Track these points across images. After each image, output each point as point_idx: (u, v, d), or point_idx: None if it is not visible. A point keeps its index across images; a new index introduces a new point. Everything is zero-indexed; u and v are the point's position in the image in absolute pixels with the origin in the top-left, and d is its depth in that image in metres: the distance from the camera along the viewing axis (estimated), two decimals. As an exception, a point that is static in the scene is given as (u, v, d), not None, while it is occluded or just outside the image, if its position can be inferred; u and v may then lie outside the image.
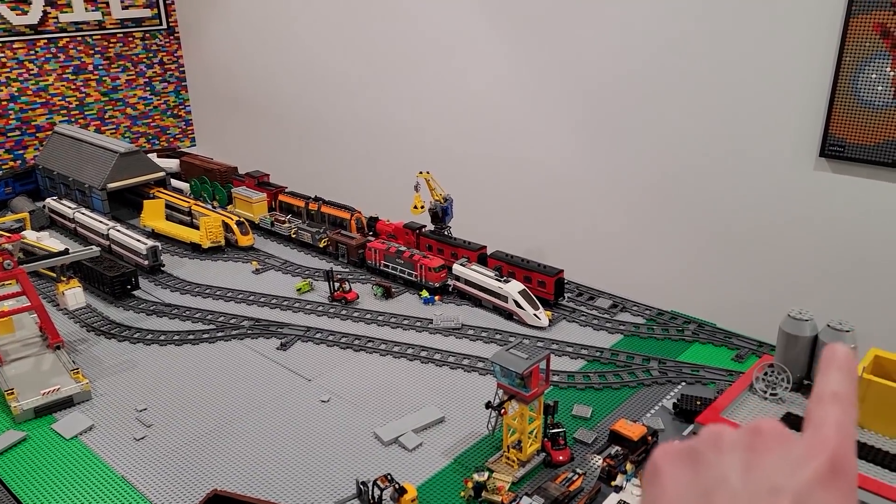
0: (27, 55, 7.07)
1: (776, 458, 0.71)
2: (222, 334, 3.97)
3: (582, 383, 3.39)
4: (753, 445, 0.73)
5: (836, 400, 0.74)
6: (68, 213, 5.36)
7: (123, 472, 2.86)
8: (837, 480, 0.68)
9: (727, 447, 0.73)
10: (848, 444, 0.71)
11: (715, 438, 0.75)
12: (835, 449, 0.70)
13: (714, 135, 4.67)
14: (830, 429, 0.72)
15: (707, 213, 4.86)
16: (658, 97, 4.87)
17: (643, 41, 4.84)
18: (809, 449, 0.70)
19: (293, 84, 7.28)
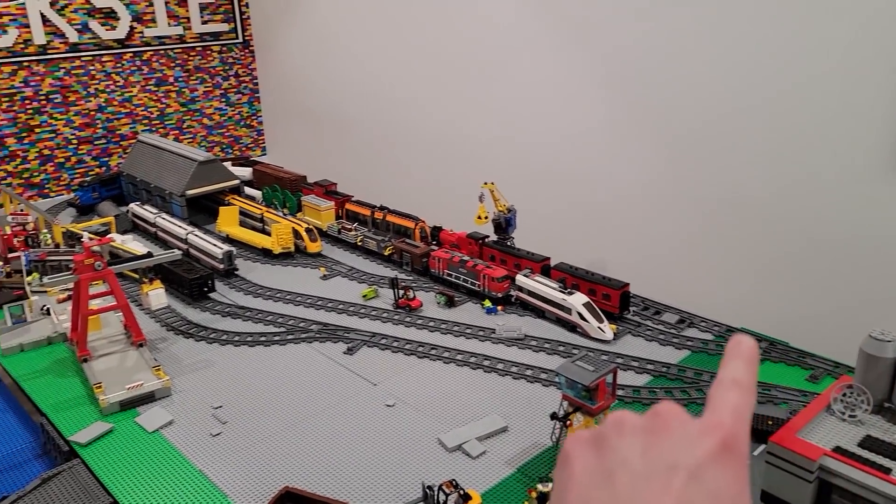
0: (114, 68, 7.48)
1: (674, 439, 0.74)
2: (292, 337, 4.11)
3: (647, 398, 3.37)
4: (653, 428, 0.76)
5: (735, 386, 0.80)
6: (150, 217, 5.64)
7: (201, 466, 3.00)
8: (729, 458, 0.73)
9: (629, 431, 0.77)
10: (741, 425, 0.76)
11: (618, 423, 0.79)
12: (728, 429, 0.75)
13: (787, 146, 4.56)
14: (726, 411, 0.77)
15: (780, 226, 4.74)
16: (728, 109, 4.79)
17: (712, 51, 4.77)
18: (705, 429, 0.74)
19: (361, 95, 7.46)
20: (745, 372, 0.82)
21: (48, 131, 7.17)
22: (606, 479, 0.73)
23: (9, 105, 6.85)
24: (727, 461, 0.73)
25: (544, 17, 5.63)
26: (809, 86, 4.39)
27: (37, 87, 6.99)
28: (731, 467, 0.73)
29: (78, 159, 7.43)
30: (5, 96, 6.81)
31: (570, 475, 0.76)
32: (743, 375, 0.81)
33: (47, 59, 7.00)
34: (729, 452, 0.73)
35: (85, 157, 7.48)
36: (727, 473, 0.72)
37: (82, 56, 7.22)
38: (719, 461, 0.72)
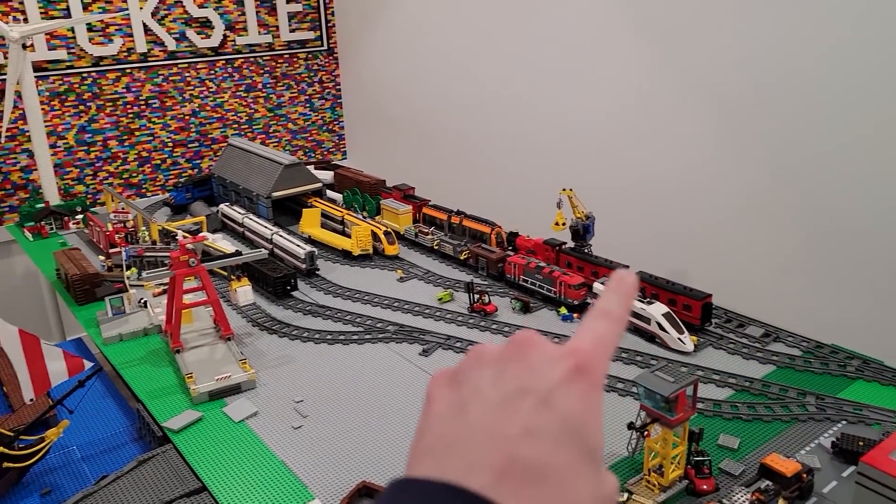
0: (207, 75, 7.86)
1: (528, 365, 0.74)
2: (369, 337, 4.21)
3: (729, 413, 3.27)
4: (510, 356, 0.76)
5: (604, 315, 0.82)
6: (238, 217, 5.90)
7: (283, 457, 3.12)
8: (582, 381, 0.73)
9: (486, 362, 0.77)
10: (601, 351, 0.78)
11: (476, 356, 0.79)
12: (584, 354, 0.75)
13: (885, 151, 4.34)
14: (587, 337, 0.79)
15: (877, 237, 4.51)
16: (816, 107, 4.60)
17: (820, 57, 4.60)
18: (561, 354, 0.75)
19: (440, 101, 7.56)
20: (617, 304, 0.83)
21: (146, 134, 7.60)
22: (461, 412, 0.72)
23: (112, 109, 7.31)
24: (579, 384, 0.73)
25: (636, 21, 5.56)
26: None
27: (137, 92, 7.43)
28: (583, 390, 0.73)
29: (173, 161, 7.85)
30: (109, 101, 7.27)
31: (429, 414, 0.76)
32: (614, 307, 0.83)
33: (147, 67, 7.43)
34: (582, 376, 0.74)
35: (179, 159, 7.89)
36: (578, 397, 0.72)
37: (179, 63, 7.63)
38: (571, 385, 0.73)
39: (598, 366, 0.76)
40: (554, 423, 0.70)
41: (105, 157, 7.38)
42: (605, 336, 0.80)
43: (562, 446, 0.69)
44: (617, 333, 0.81)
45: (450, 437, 0.70)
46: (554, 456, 0.68)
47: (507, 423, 0.69)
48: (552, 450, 0.68)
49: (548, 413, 0.70)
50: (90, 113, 7.18)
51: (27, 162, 6.87)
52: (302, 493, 2.89)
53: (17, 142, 6.79)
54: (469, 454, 0.67)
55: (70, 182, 7.18)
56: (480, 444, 0.68)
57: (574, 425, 0.71)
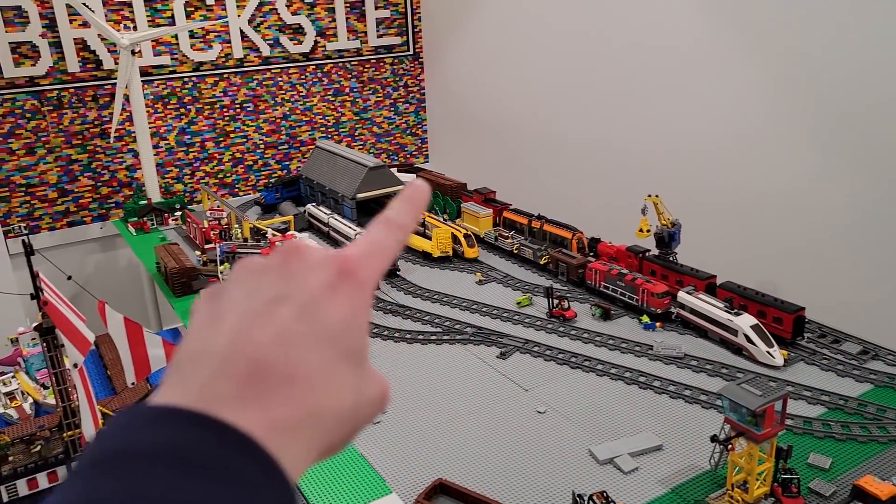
0: (299, 79, 8.16)
1: (290, 273, 0.71)
2: (448, 338, 4.26)
3: (821, 431, 3.13)
4: (272, 265, 0.73)
5: (385, 223, 0.80)
6: (324, 218, 6.09)
7: (362, 450, 3.21)
8: (346, 286, 0.71)
9: (248, 273, 0.73)
10: (371, 256, 0.76)
11: (239, 269, 0.76)
12: (350, 258, 0.73)
13: None
14: (359, 242, 0.77)
15: None
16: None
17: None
18: (325, 260, 0.73)
19: (523, 105, 7.56)
20: (402, 212, 0.82)
21: (240, 136, 7.96)
22: (215, 325, 0.69)
23: (210, 112, 7.70)
24: (343, 288, 0.71)
25: (736, 24, 5.40)
26: None
27: (233, 96, 7.79)
28: (347, 294, 0.71)
29: (263, 162, 8.19)
30: (207, 105, 7.66)
31: (187, 331, 0.72)
32: (399, 216, 0.81)
33: (243, 72, 7.78)
34: (345, 280, 0.72)
35: (270, 160, 8.22)
36: (341, 301, 0.70)
37: (272, 68, 7.96)
38: (334, 289, 0.71)
39: (366, 269, 0.74)
40: (310, 328, 0.68)
41: (202, 157, 7.78)
42: (379, 241, 0.79)
43: (316, 350, 0.67)
44: (396, 240, 0.80)
45: (199, 350, 0.67)
46: (305, 359, 0.66)
47: (259, 330, 0.67)
48: (303, 354, 0.66)
49: (307, 320, 0.68)
50: (190, 115, 7.59)
51: (132, 161, 7.34)
52: (380, 487, 2.97)
53: (124, 142, 7.27)
54: (214, 365, 0.65)
55: (170, 181, 7.62)
56: (227, 354, 0.65)
57: (335, 329, 0.69)
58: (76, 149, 7.07)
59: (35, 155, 6.89)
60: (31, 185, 6.94)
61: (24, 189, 6.91)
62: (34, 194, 6.97)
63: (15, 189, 6.87)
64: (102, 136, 7.12)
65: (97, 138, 7.13)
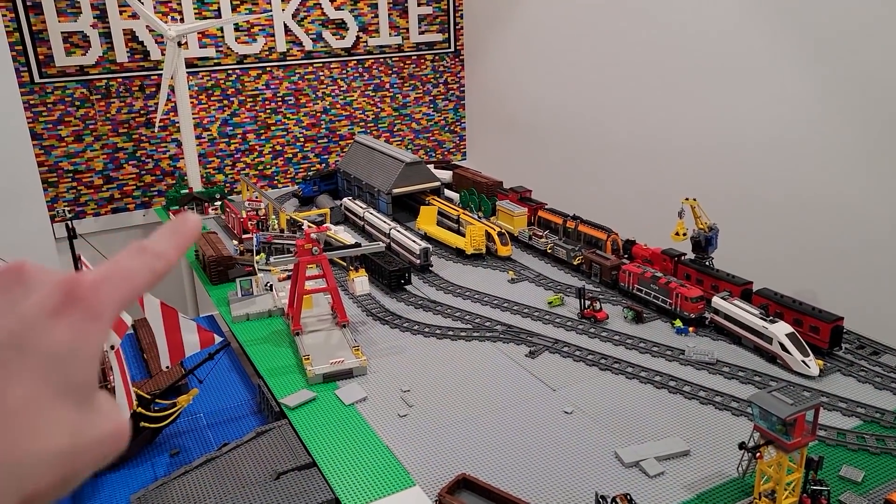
0: (339, 74, 8.25)
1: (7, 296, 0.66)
2: (477, 335, 4.27)
3: (854, 444, 3.05)
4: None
5: (138, 249, 0.74)
6: (359, 211, 6.15)
7: (388, 442, 3.24)
8: (72, 311, 0.65)
9: None
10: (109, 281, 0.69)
11: None
12: (80, 282, 0.67)
13: None
14: (98, 268, 0.70)
15: None
16: None
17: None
18: (52, 283, 0.67)
19: (562, 105, 7.51)
20: (162, 240, 0.76)
21: (281, 129, 8.08)
22: None
23: (252, 105, 7.83)
24: (67, 316, 0.65)
25: (772, 22, 5.28)
26: None
27: (275, 89, 7.91)
28: (72, 323, 0.65)
29: (303, 156, 8.30)
30: (250, 97, 7.80)
31: None
32: (156, 243, 0.76)
33: (286, 65, 7.89)
34: (72, 306, 0.66)
35: (309, 154, 8.33)
36: (63, 330, 0.65)
37: (314, 63, 8.05)
38: (56, 316, 0.65)
39: (101, 295, 0.68)
40: (17, 357, 0.62)
41: (243, 149, 7.92)
42: (124, 267, 0.72)
43: (21, 383, 0.61)
44: (149, 268, 0.73)
45: None
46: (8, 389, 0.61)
47: None
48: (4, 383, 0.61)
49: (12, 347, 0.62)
50: (232, 107, 7.73)
51: (175, 151, 7.51)
52: (404, 479, 2.99)
53: (168, 132, 7.44)
54: None
55: (211, 171, 7.77)
56: None
57: (50, 360, 0.63)
58: (122, 137, 7.26)
59: (83, 142, 7.10)
60: (78, 172, 7.16)
61: (72, 175, 7.14)
62: (81, 180, 7.19)
63: (62, 175, 7.09)
64: (147, 125, 7.30)
65: (142, 127, 7.31)
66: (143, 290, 0.74)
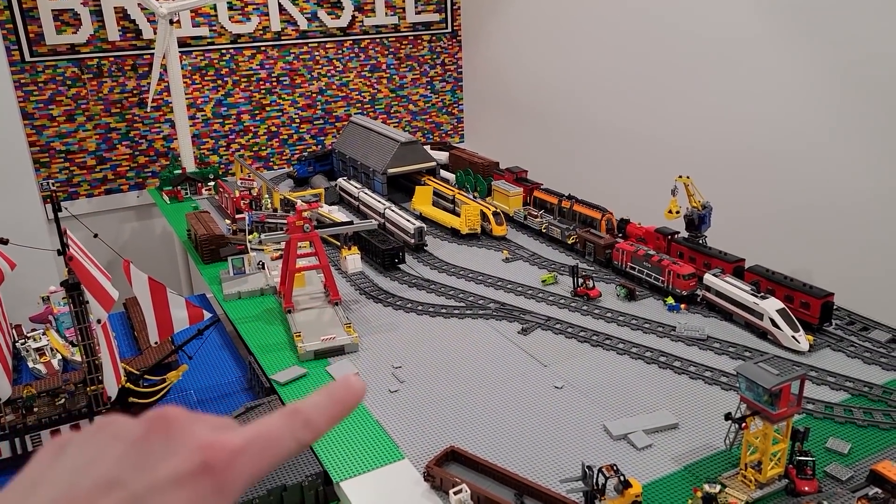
0: (335, 54, 8.19)
1: (141, 450, 0.61)
2: (470, 312, 4.27)
3: (842, 417, 3.06)
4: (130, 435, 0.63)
5: (291, 414, 0.68)
6: (354, 192, 6.13)
7: (378, 417, 3.25)
8: (204, 482, 0.61)
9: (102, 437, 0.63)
10: (251, 453, 0.64)
11: (99, 426, 0.65)
12: (222, 449, 0.62)
13: None
14: (245, 433, 0.65)
15: None
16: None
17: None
18: (193, 445, 0.62)
19: (558, 86, 7.47)
20: (318, 407, 0.70)
21: (276, 110, 8.03)
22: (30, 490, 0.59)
23: (246, 85, 7.78)
24: (198, 486, 0.61)
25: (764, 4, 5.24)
26: None
27: (270, 69, 7.86)
28: (201, 495, 0.60)
29: (298, 137, 8.26)
30: (244, 77, 7.75)
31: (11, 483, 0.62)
32: (312, 410, 0.69)
33: (280, 45, 7.84)
34: (204, 477, 0.61)
35: (304, 135, 8.29)
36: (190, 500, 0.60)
37: (310, 42, 7.99)
38: (184, 486, 0.60)
39: (238, 468, 0.63)
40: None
41: (238, 129, 7.88)
42: (272, 436, 0.66)
43: None
44: (296, 439, 0.68)
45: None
46: None
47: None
48: None
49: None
50: (227, 87, 7.69)
51: (169, 131, 7.47)
52: (393, 452, 3.00)
53: (162, 112, 7.40)
54: None
55: (205, 152, 7.74)
56: None
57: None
58: (115, 117, 7.22)
59: (75, 122, 7.06)
60: (71, 152, 7.12)
61: (64, 155, 7.10)
62: (73, 161, 7.15)
63: (55, 155, 7.06)
64: (140, 105, 7.26)
65: (135, 107, 7.27)
66: (283, 462, 0.68)
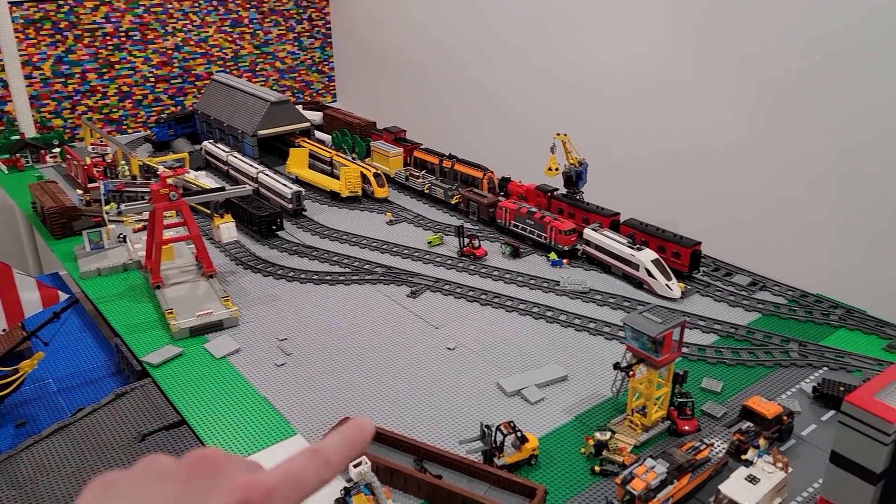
0: (191, 7, 7.58)
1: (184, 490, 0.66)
2: (356, 278, 4.15)
3: (713, 357, 3.27)
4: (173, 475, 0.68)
5: (312, 454, 0.73)
6: (222, 156, 5.75)
7: (265, 393, 3.09)
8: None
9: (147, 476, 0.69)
10: (285, 490, 0.68)
11: (141, 467, 0.70)
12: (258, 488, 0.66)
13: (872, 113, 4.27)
14: (277, 471, 0.69)
15: (864, 187, 4.47)
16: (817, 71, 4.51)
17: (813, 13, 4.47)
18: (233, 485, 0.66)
19: (434, 43, 7.36)
20: (335, 447, 0.75)
21: (127, 68, 7.35)
22: None
23: (90, 40, 7.04)
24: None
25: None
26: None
27: (117, 23, 7.15)
28: None
29: (155, 97, 7.62)
30: (88, 31, 7.00)
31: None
32: (330, 449, 0.75)
33: (128, -3, 7.14)
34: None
35: (161, 95, 7.66)
36: None
37: (162, -6, 7.34)
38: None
39: None
40: None
41: (84, 90, 7.14)
42: (299, 475, 0.70)
43: None
44: (318, 477, 0.72)
45: None
46: None
47: None
48: None
49: None
50: (67, 43, 6.92)
51: (1, 93, 6.63)
52: (284, 429, 2.87)
53: (-8, 71, 6.55)
54: None
55: (47, 115, 6.96)
56: None
57: None
58: (-66, 77, 6.32)
59: None
60: None
61: None
62: None
63: None
64: (-35, 63, 6.38)
65: (-41, 65, 6.39)
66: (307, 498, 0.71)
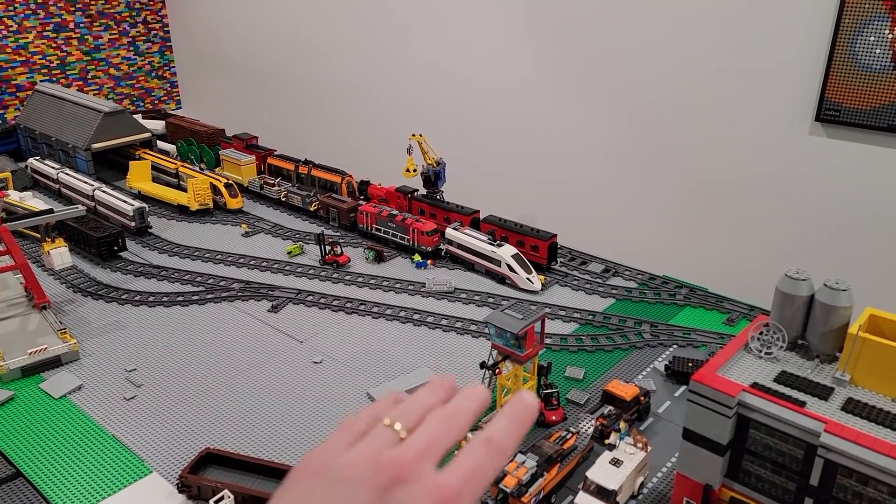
0: (6, 11, 6.85)
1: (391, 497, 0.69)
2: (212, 296, 3.93)
3: (574, 346, 3.40)
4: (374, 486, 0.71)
5: (486, 445, 0.75)
6: (52, 173, 5.25)
7: (114, 431, 2.83)
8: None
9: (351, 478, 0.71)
10: (470, 487, 0.72)
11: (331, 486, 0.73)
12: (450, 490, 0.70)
13: (709, 99, 4.63)
14: (460, 470, 0.72)
15: (701, 177, 4.84)
16: (652, 57, 4.82)
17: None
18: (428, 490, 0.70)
19: (283, 45, 7.13)
20: (505, 432, 0.78)
21: (-68, 80, 6.54)
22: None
23: None
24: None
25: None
26: (731, 34, 4.45)
27: (-84, 30, 6.33)
28: None
29: (-31, 112, 6.83)
30: None
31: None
32: (501, 435, 0.77)
33: (-73, 0, 6.34)
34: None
35: (-23, 109, 6.88)
36: None
37: (-33, -3, 6.58)
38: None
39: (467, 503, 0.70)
40: None
41: None
42: (481, 469, 0.73)
43: None
44: (497, 466, 0.75)
45: None
46: None
47: None
48: None
49: None
50: None
51: None
52: (137, 468, 2.64)
53: None
54: None
55: None
56: None
57: None
58: None
59: None
60: None
61: None
62: None
63: None
64: None
65: None
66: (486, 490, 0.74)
